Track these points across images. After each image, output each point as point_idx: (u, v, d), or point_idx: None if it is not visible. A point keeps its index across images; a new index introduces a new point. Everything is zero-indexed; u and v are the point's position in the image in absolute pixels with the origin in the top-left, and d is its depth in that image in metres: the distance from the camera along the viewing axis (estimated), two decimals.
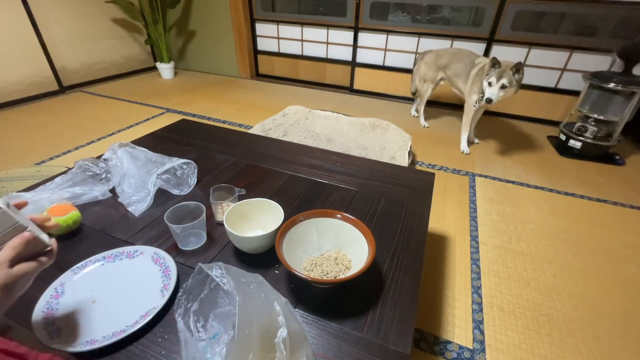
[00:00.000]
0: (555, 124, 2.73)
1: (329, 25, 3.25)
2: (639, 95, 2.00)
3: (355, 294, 0.66)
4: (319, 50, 3.44)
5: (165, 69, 3.70)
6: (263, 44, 3.68)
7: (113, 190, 0.92)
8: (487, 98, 1.92)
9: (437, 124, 2.74)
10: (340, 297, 0.65)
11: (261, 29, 3.58)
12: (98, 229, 0.80)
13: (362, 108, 3.04)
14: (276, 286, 0.62)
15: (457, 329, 1.09)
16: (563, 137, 2.32)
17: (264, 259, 0.72)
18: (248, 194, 0.91)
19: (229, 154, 1.17)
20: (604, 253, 1.44)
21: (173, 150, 1.18)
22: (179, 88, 3.45)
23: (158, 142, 1.23)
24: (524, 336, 1.08)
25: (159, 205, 0.89)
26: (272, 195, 0.95)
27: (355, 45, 3.23)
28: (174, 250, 0.74)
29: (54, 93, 3.09)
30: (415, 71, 2.61)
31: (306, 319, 0.60)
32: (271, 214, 0.75)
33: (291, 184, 1.01)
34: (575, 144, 2.23)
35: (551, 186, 1.93)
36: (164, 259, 0.69)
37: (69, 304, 0.60)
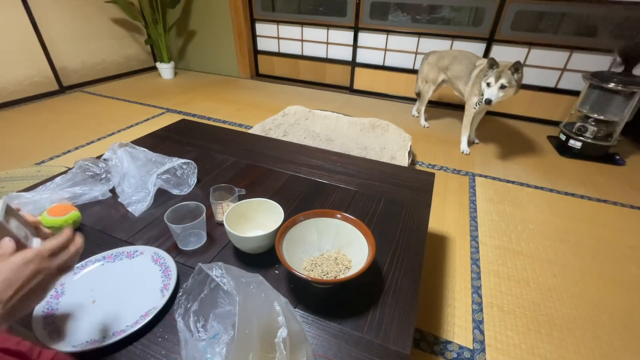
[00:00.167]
0: (555, 124, 2.73)
1: (329, 25, 3.25)
2: (639, 95, 2.00)
3: (355, 294, 0.66)
4: (319, 50, 3.44)
5: (165, 69, 3.70)
6: (263, 44, 3.68)
7: (113, 190, 0.92)
8: (486, 99, 1.91)
9: (437, 124, 2.74)
10: (340, 297, 0.65)
11: (261, 29, 3.58)
12: (98, 229, 0.80)
13: (362, 108, 3.04)
14: (276, 286, 0.62)
15: (457, 329, 1.09)
16: (563, 137, 2.32)
17: (264, 259, 0.72)
18: (248, 194, 0.91)
19: (229, 154, 1.17)
20: (604, 253, 1.44)
21: (173, 150, 1.18)
22: (179, 88, 3.44)
23: (158, 142, 1.23)
24: (524, 336, 1.08)
25: (159, 205, 0.89)
26: (272, 195, 0.95)
27: (355, 45, 3.23)
28: (174, 250, 0.74)
29: (54, 93, 3.09)
30: (419, 71, 2.62)
31: (306, 319, 0.60)
32: (271, 214, 0.75)
33: (291, 184, 1.01)
34: (575, 144, 2.23)
35: (551, 186, 1.93)
36: (164, 259, 0.69)
37: (69, 304, 0.60)
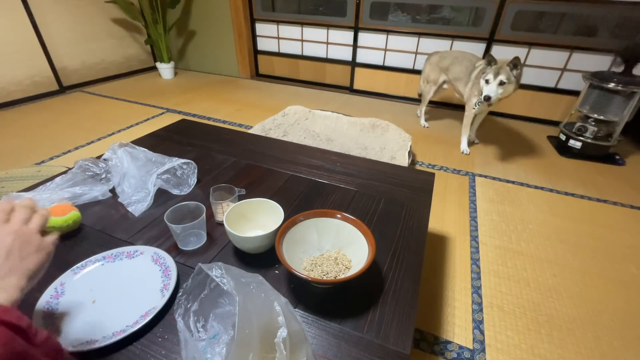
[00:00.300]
0: (555, 124, 2.73)
1: (329, 25, 3.25)
2: (639, 95, 2.00)
3: (355, 294, 0.65)
4: (319, 50, 3.44)
5: (165, 69, 3.71)
6: (263, 44, 3.68)
7: (113, 190, 0.92)
8: (485, 95, 1.88)
9: (437, 124, 2.74)
10: (340, 297, 0.65)
11: (261, 29, 3.58)
12: (98, 229, 0.80)
13: (362, 108, 3.04)
14: (276, 286, 0.62)
15: (457, 329, 1.09)
16: (563, 137, 2.32)
17: (264, 259, 0.72)
18: (248, 194, 0.91)
19: (229, 154, 1.17)
20: (604, 253, 1.44)
21: (173, 150, 1.18)
22: (179, 88, 3.45)
23: (158, 142, 1.23)
24: (524, 336, 1.08)
25: (159, 205, 0.89)
26: (272, 195, 0.95)
27: (355, 45, 3.23)
28: (174, 250, 0.74)
29: (54, 93, 3.09)
30: (422, 72, 2.63)
31: (306, 319, 0.60)
32: (271, 214, 0.75)
33: (291, 184, 1.01)
34: (575, 144, 2.23)
35: (551, 186, 1.93)
36: (164, 259, 0.69)
37: (69, 304, 0.60)
